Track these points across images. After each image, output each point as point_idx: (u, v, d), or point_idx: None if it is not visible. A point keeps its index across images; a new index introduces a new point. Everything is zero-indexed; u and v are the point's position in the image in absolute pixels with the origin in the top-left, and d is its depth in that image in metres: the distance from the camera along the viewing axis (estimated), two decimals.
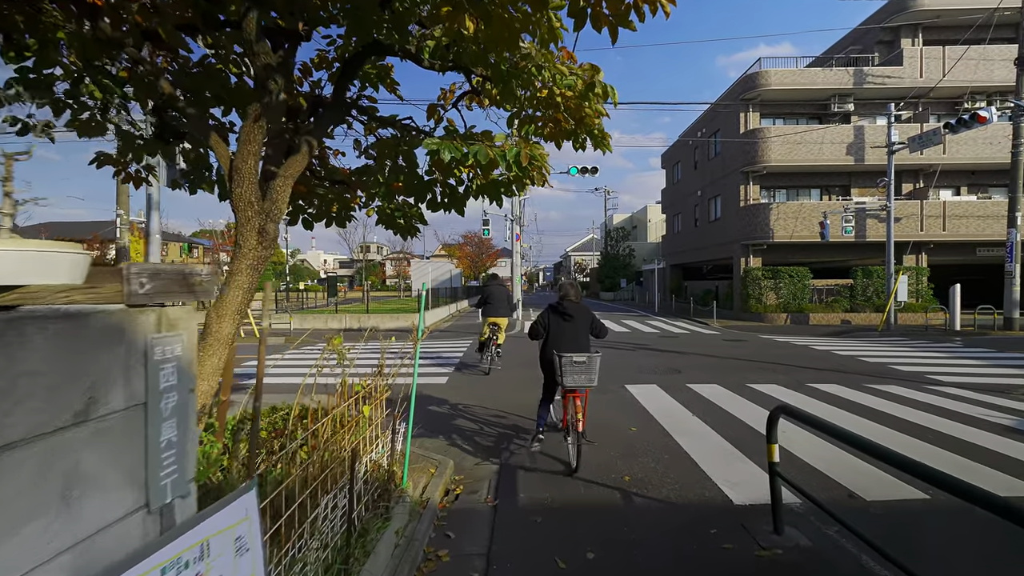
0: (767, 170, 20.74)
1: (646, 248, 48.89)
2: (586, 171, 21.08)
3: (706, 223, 25.59)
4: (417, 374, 8.33)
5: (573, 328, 4.81)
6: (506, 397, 7.28)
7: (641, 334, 16.01)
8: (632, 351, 11.92)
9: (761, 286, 20.30)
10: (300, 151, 2.52)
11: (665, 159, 33.64)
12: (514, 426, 5.90)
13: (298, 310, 20.16)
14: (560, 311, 4.84)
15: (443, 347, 12.95)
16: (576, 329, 4.82)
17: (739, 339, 14.68)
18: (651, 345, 13.05)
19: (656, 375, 8.84)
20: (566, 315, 4.81)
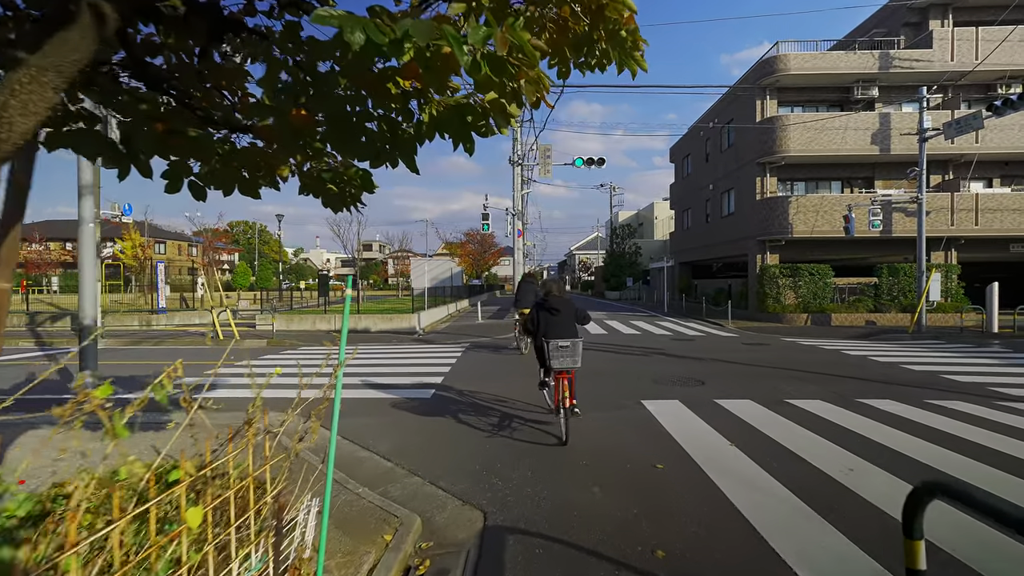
0: (785, 161, 19.44)
1: (653, 246, 47.58)
2: (592, 162, 19.89)
3: (718, 218, 24.30)
4: (400, 384, 7.12)
5: (559, 320, 5.46)
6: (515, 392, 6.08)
7: (653, 337, 14.78)
8: (645, 356, 10.70)
9: (779, 285, 19.02)
10: (78, 22, 1.34)
11: (674, 152, 32.34)
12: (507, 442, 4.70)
13: (286, 310, 19.03)
14: (547, 307, 5.52)
15: (433, 355, 11.76)
16: (562, 320, 5.48)
17: (759, 342, 13.43)
18: (665, 350, 11.82)
19: (676, 387, 7.62)
20: (552, 310, 5.49)
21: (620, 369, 9.14)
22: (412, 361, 10.19)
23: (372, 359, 10.49)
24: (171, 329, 16.83)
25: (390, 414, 6.17)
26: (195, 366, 9.84)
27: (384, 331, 16.44)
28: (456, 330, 16.78)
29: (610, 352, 11.41)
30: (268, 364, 9.99)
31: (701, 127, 26.43)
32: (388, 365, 9.69)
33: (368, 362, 10.05)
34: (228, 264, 74.85)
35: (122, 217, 15.12)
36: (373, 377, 8.45)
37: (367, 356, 10.92)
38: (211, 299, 14.86)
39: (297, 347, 13.19)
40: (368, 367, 9.44)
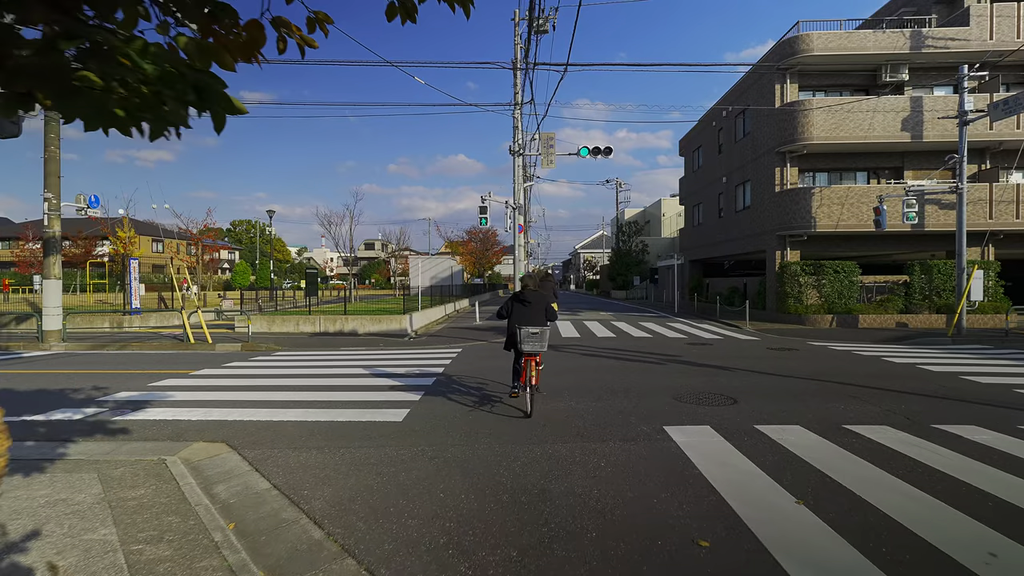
0: (807, 149, 18.00)
1: (660, 244, 46.14)
2: (598, 152, 18.49)
3: (732, 213, 22.88)
4: (370, 401, 5.85)
5: (529, 311, 6.13)
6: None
7: (666, 341, 13.41)
8: (660, 365, 9.34)
9: (801, 283, 17.60)
10: None
11: (683, 145, 30.90)
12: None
13: (272, 311, 17.76)
14: (520, 299, 6.24)
15: (419, 362, 10.44)
16: (532, 311, 6.12)
17: (785, 347, 12.05)
18: (682, 356, 10.46)
19: (704, 407, 6.27)
20: (525, 301, 6.19)
21: (633, 382, 7.79)
22: (393, 370, 8.88)
23: (347, 367, 9.19)
24: (143, 331, 15.62)
25: (347, 445, 4.86)
26: (145, 376, 8.61)
27: (372, 334, 15.16)
28: (451, 332, 15.48)
29: (619, 359, 10.06)
30: (229, 374, 8.71)
31: (714, 117, 25.00)
32: (363, 375, 8.38)
33: (341, 371, 8.75)
34: (228, 263, 73.99)
35: (88, 210, 13.88)
36: (341, 392, 7.14)
37: (343, 363, 9.63)
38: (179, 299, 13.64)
39: (272, 352, 11.92)
40: (340, 377, 8.14)
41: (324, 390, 7.26)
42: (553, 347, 11.85)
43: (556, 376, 8.22)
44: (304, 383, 7.77)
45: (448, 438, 5.04)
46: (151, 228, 53.09)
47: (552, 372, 8.55)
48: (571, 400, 6.56)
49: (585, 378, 8.04)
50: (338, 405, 6.39)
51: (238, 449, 4.73)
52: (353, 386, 7.52)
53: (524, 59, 14.62)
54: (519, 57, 15.12)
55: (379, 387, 7.43)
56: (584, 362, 9.70)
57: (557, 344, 12.47)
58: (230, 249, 77.95)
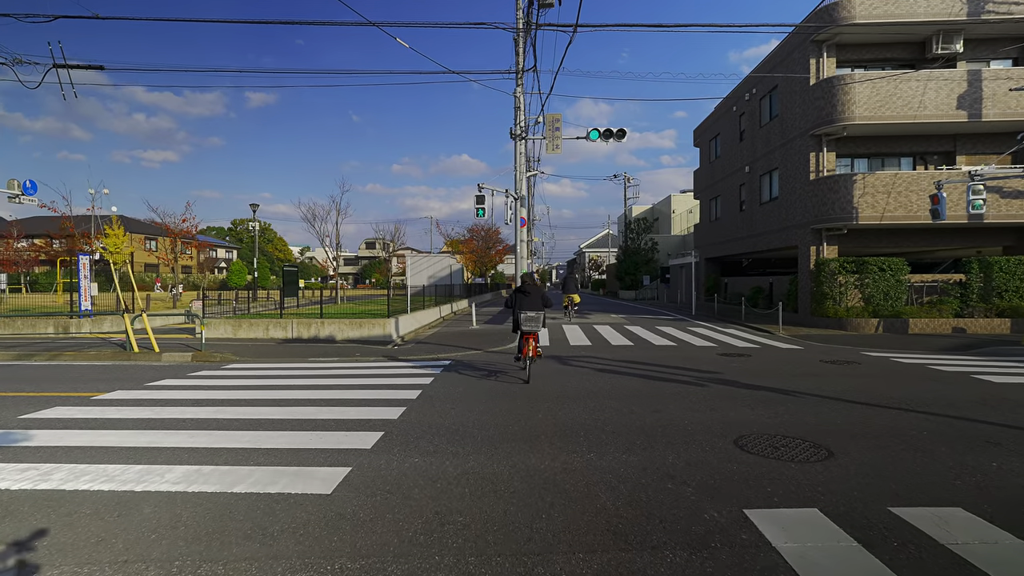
0: (847, 131, 15.90)
1: (671, 242, 44.03)
2: (610, 135, 16.45)
3: (756, 206, 20.77)
4: (304, 451, 3.79)
5: (529, 300, 7.80)
6: None
7: (693, 350, 11.36)
8: (699, 387, 7.30)
9: (841, 283, 15.51)
10: None
11: (698, 135, 28.80)
12: None
13: (235, 315, 15.81)
14: (522, 291, 7.96)
15: (393, 381, 8.42)
16: (530, 300, 7.80)
17: (840, 358, 9.98)
18: (722, 373, 8.41)
19: (787, 462, 4.23)
20: (525, 293, 7.89)
21: (672, 416, 5.76)
22: (354, 394, 6.89)
23: (299, 389, 7.20)
24: (90, 337, 13.70)
25: (213, 556, 2.87)
26: (30, 401, 6.51)
27: (351, 340, 13.17)
28: (443, 339, 13.47)
29: (645, 378, 8.01)
30: (142, 398, 6.73)
31: (734, 101, 22.90)
32: (311, 403, 6.39)
33: (288, 395, 6.76)
34: (226, 262, 72.26)
35: (21, 197, 11.97)
36: (268, 432, 5.15)
37: (297, 381, 7.64)
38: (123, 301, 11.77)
39: (224, 364, 9.96)
40: (281, 405, 6.16)
41: (249, 428, 5.26)
42: (559, 359, 9.82)
43: (566, 406, 6.19)
44: (229, 415, 5.78)
45: (400, 543, 3.01)
46: (144, 226, 51.34)
47: (560, 398, 6.54)
48: (590, 451, 4.53)
49: (605, 409, 6.01)
50: (250, 458, 4.39)
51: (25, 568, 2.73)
52: (289, 421, 5.52)
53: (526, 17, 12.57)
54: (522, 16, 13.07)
55: (322, 425, 5.43)
56: (601, 383, 7.66)
57: (565, 355, 10.45)
58: (227, 248, 76.40)
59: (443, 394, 6.83)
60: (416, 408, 6.05)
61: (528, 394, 6.81)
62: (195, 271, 63.24)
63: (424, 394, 6.82)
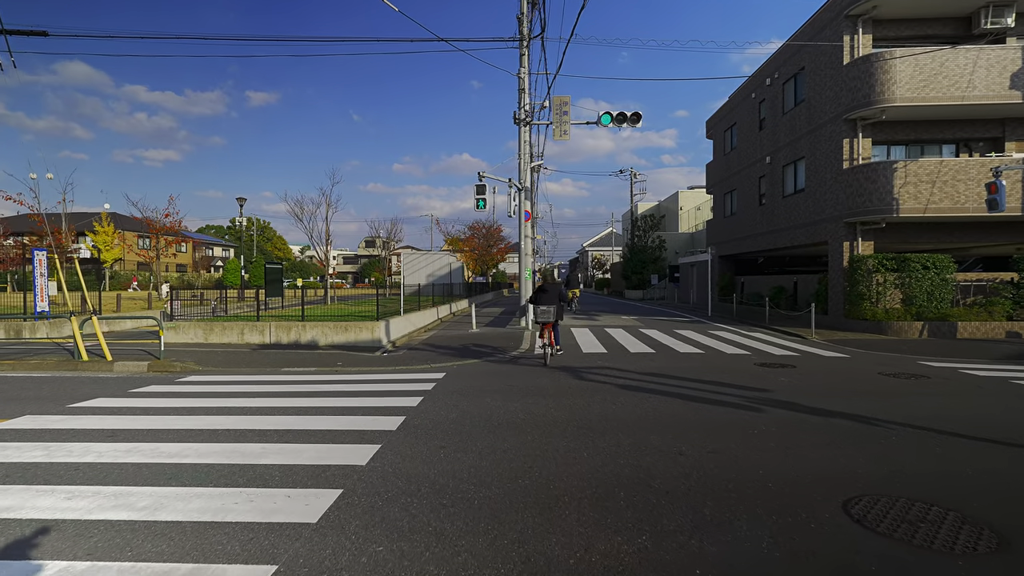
0: (886, 114, 14.40)
1: (679, 240, 42.53)
2: (624, 119, 15.01)
3: (778, 199, 19.27)
4: (228, 527, 2.22)
5: (547, 296, 9.47)
6: None
7: (724, 360, 9.90)
8: (753, 411, 5.83)
9: (879, 282, 14.03)
10: None
11: (712, 126, 27.29)
12: None
13: (210, 316, 14.37)
14: (542, 289, 9.66)
15: (376, 401, 6.97)
16: (549, 296, 9.48)
17: (902, 371, 8.51)
18: (773, 391, 6.94)
19: (948, 556, 2.76)
20: (544, 290, 9.61)
21: (738, 466, 4.30)
22: (322, 422, 5.44)
23: (253, 415, 5.75)
24: (42, 342, 12.29)
25: None
26: None
27: (335, 346, 11.73)
28: (438, 344, 12.02)
29: (680, 398, 6.55)
30: (49, 428, 5.29)
31: (754, 87, 21.40)
32: (265, 437, 4.95)
33: (236, 424, 5.31)
34: (222, 260, 70.83)
35: None
36: (183, 492, 3.70)
37: (259, 402, 6.20)
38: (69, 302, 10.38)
39: (181, 376, 8.52)
40: (227, 438, 4.71)
41: (156, 480, 3.82)
42: (573, 371, 8.36)
43: (592, 443, 4.74)
44: (142, 457, 4.34)
45: None
46: (139, 224, 49.80)
47: (583, 430, 5.08)
48: (640, 530, 3.07)
49: (645, 450, 4.55)
50: (131, 545, 2.93)
51: None
52: (218, 470, 4.07)
53: None
54: None
55: (260, 478, 3.98)
56: (630, 406, 6.20)
57: (579, 365, 8.99)
58: (223, 246, 74.92)
59: (432, 422, 5.38)
60: (394, 446, 4.59)
61: (541, 423, 5.36)
62: (190, 269, 61.96)
63: (408, 422, 5.36)
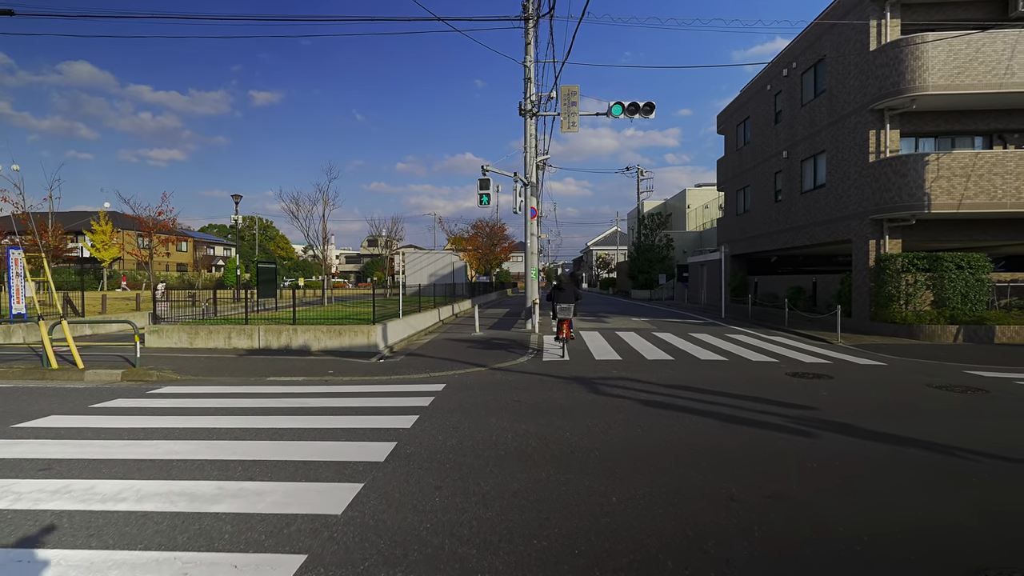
0: (916, 104, 13.51)
1: (686, 238, 41.63)
2: (636, 110, 14.15)
3: (796, 195, 18.38)
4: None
5: (563, 295, 10.25)
6: None
7: (753, 368, 9.05)
8: (806, 437, 4.99)
9: (910, 282, 13.14)
10: None
11: (723, 120, 26.39)
12: None
13: (196, 319, 13.59)
14: (558, 288, 10.48)
15: (364, 416, 6.15)
16: (565, 295, 10.26)
17: (955, 383, 7.64)
18: (819, 409, 6.09)
19: None
20: (561, 289, 10.41)
21: (812, 519, 3.47)
22: (300, 449, 4.64)
23: (223, 440, 4.95)
24: (15, 347, 11.53)
25: None
26: None
27: (328, 351, 10.93)
28: (439, 349, 11.21)
29: (715, 417, 5.71)
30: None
31: (769, 79, 20.50)
32: (226, 471, 4.15)
33: (198, 452, 4.51)
34: (223, 260, 70.23)
35: None
36: (106, 558, 2.89)
37: (227, 424, 5.40)
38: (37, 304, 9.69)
39: (155, 387, 7.73)
40: (173, 479, 3.91)
41: (81, 543, 3.01)
42: (586, 383, 7.53)
43: (619, 484, 3.91)
44: (80, 499, 3.54)
45: None
46: (136, 222, 49.11)
47: (607, 462, 4.25)
48: None
49: (687, 495, 3.73)
50: None
51: None
52: (158, 520, 3.25)
53: None
54: None
55: (208, 541, 3.16)
56: (657, 428, 5.37)
57: (592, 376, 8.16)
58: (225, 245, 74.28)
59: (427, 450, 4.56)
60: (379, 486, 3.77)
61: (556, 453, 4.53)
62: (191, 268, 61.38)
63: (399, 451, 4.54)
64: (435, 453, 4.47)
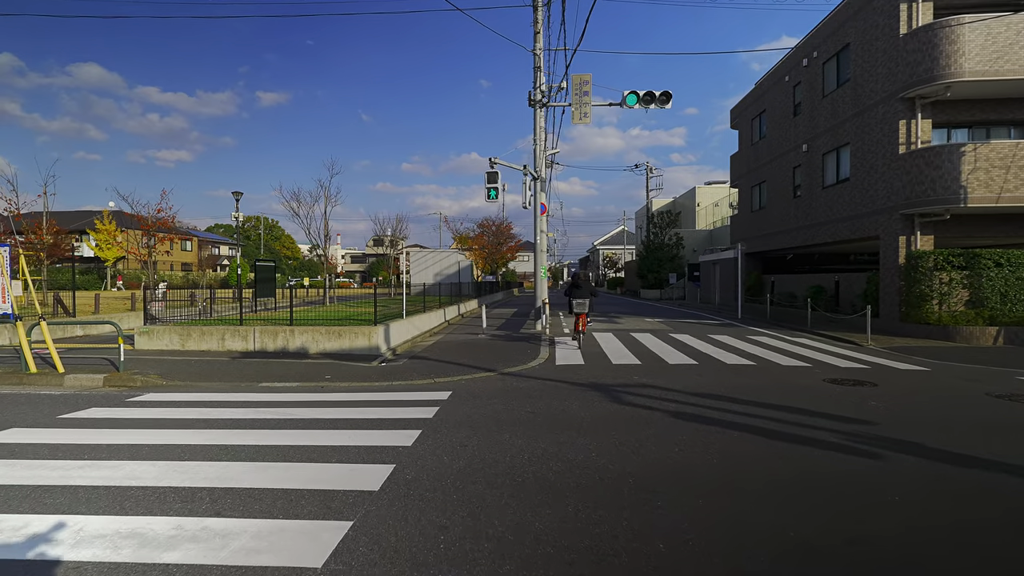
0: (951, 92, 12.71)
1: (696, 237, 40.75)
2: (651, 99, 13.43)
3: (817, 190, 17.59)
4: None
5: (581, 292, 11.14)
6: None
7: (785, 374, 8.33)
8: (872, 459, 4.29)
9: (945, 281, 12.36)
10: None
11: (737, 114, 25.59)
12: None
13: (189, 320, 12.99)
14: (575, 285, 11.43)
15: (361, 430, 5.49)
16: (582, 292, 11.16)
17: (1018, 392, 6.89)
18: (876, 424, 5.38)
19: None
20: (577, 286, 11.35)
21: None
22: (283, 477, 3.99)
23: (202, 461, 4.31)
24: (1, 348, 11.00)
25: None
26: None
27: (327, 354, 10.30)
28: (445, 352, 10.56)
29: (758, 434, 5.02)
30: None
31: (787, 70, 19.70)
32: (191, 504, 3.50)
33: (169, 477, 3.87)
34: (228, 259, 69.95)
35: None
36: None
37: (209, 440, 4.76)
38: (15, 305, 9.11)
39: (137, 393, 7.11)
40: (129, 514, 3.26)
41: None
42: (605, 390, 6.84)
43: (652, 518, 3.24)
44: (8, 535, 2.90)
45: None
46: (141, 221, 48.79)
47: (641, 493, 3.57)
48: None
49: (740, 539, 3.05)
50: None
51: None
52: (101, 573, 2.60)
53: None
54: None
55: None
56: (691, 448, 4.68)
57: (610, 382, 7.47)
58: (230, 245, 74.01)
59: (431, 477, 3.89)
60: (371, 527, 3.10)
61: (583, 482, 3.85)
62: (195, 268, 61.11)
63: (397, 476, 3.88)
64: (440, 480, 3.80)
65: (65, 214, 51.94)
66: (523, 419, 5.49)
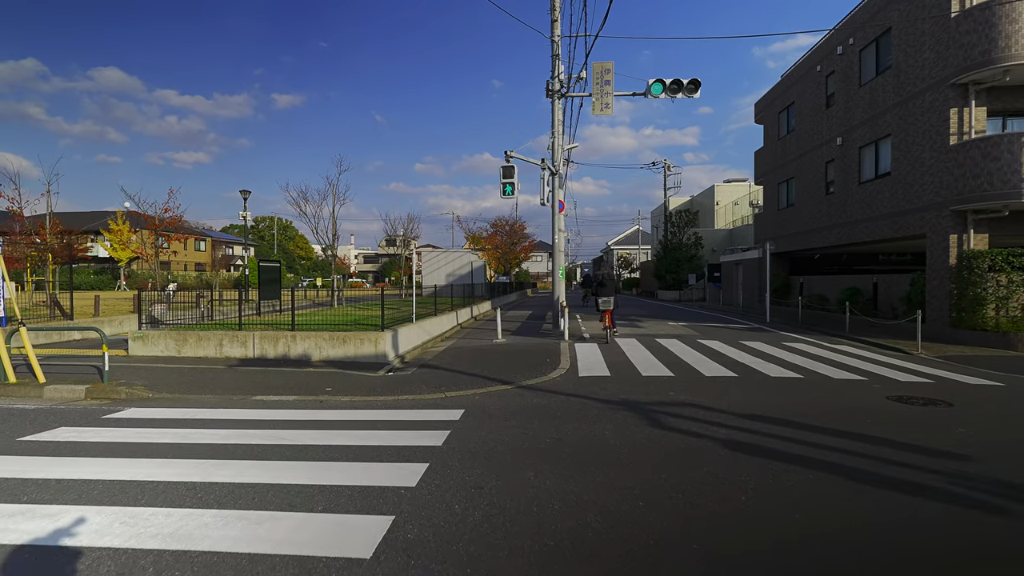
0: (1010, 76, 11.62)
1: (715, 236, 39.56)
2: (679, 88, 12.52)
3: (853, 186, 16.50)
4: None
5: (606, 290, 12.03)
6: None
7: (842, 389, 7.39)
8: (982, 511, 3.39)
9: (1000, 283, 11.28)
10: None
11: (761, 108, 24.48)
12: None
13: (186, 325, 12.35)
14: (600, 283, 12.33)
15: (356, 472, 4.67)
16: (607, 290, 12.06)
17: None
18: (977, 459, 4.45)
19: None
20: (603, 284, 12.24)
21: None
22: (261, 526, 3.20)
23: (182, 491, 3.55)
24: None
25: None
26: None
27: (330, 361, 9.56)
28: (457, 360, 9.75)
29: (833, 472, 4.14)
30: None
31: (819, 59, 18.61)
32: (136, 565, 2.70)
33: (111, 522, 3.11)
34: (242, 259, 70.09)
35: None
36: None
37: (191, 470, 4.01)
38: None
39: (118, 408, 6.41)
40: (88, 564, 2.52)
41: None
42: (637, 409, 5.96)
43: None
44: None
45: None
46: (152, 221, 48.78)
47: (703, 572, 2.71)
48: None
49: None
50: None
51: None
52: None
53: None
54: None
55: None
56: (759, 495, 3.82)
57: (642, 399, 6.59)
58: (244, 245, 74.24)
59: (438, 537, 3.07)
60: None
61: (632, 546, 3.02)
62: (209, 268, 61.18)
63: (396, 536, 3.07)
64: (449, 543, 2.98)
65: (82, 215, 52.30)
66: (548, 449, 4.65)
